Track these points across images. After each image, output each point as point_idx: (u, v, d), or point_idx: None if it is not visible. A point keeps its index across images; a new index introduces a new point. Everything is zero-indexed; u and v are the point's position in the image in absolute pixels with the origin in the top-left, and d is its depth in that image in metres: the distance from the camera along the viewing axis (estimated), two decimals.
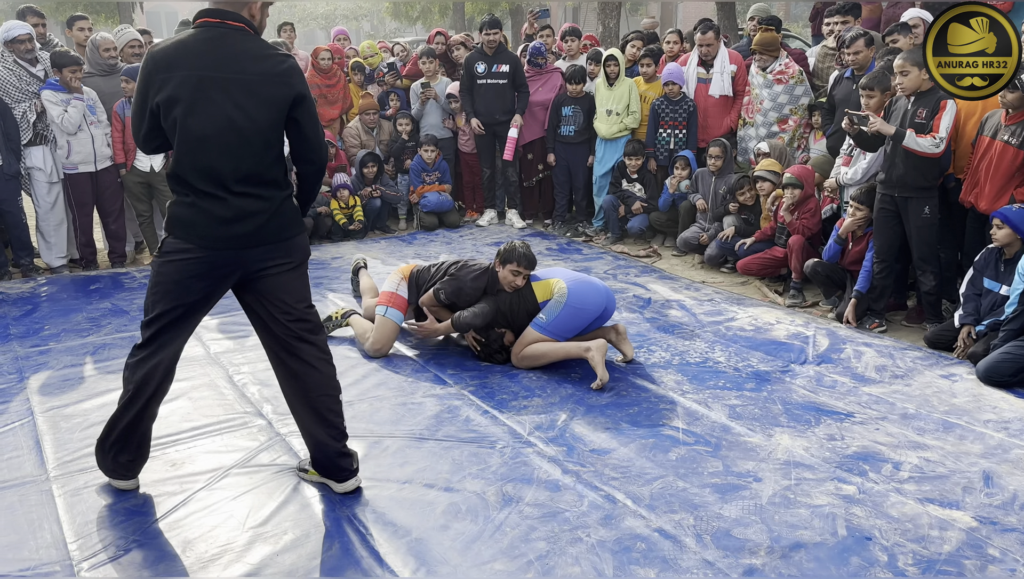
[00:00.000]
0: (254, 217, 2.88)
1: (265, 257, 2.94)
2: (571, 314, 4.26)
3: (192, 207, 2.86)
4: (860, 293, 4.99)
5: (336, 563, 2.74)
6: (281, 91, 2.83)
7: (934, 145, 4.53)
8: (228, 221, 2.85)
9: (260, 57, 2.83)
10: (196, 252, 2.87)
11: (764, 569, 2.69)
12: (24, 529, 2.93)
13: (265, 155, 2.88)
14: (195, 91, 2.76)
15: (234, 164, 2.82)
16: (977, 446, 3.50)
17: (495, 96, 7.27)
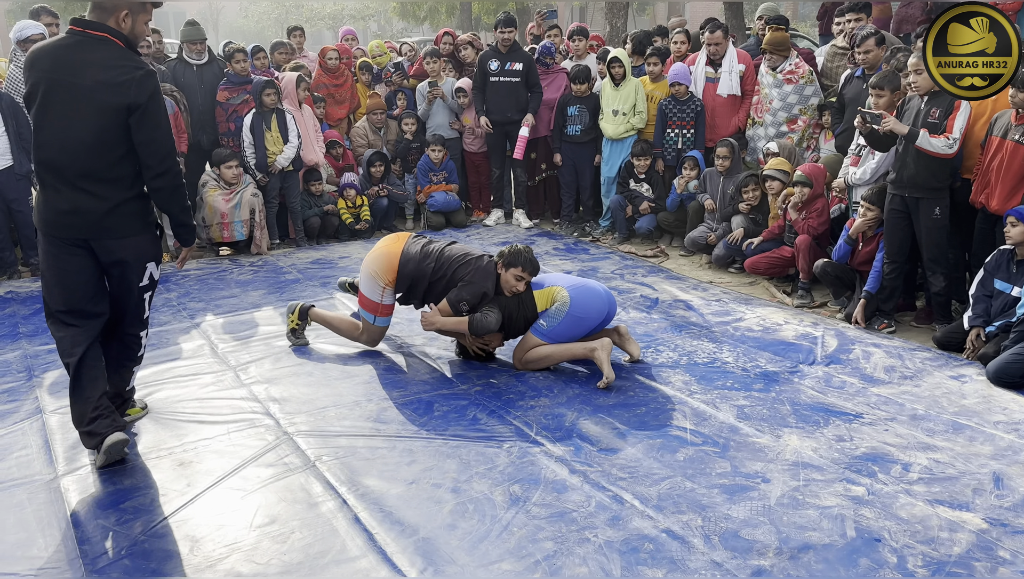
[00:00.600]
0: (89, 213, 3.20)
1: (115, 250, 3.29)
2: (573, 322, 4.22)
3: (40, 196, 3.29)
4: (870, 294, 4.96)
5: (343, 562, 2.74)
6: (115, 99, 3.12)
7: (947, 146, 4.51)
8: (66, 213, 3.21)
9: (105, 67, 3.14)
10: (46, 239, 3.28)
11: (773, 570, 2.68)
12: (33, 527, 2.94)
13: (103, 157, 3.18)
14: (45, 92, 3.14)
15: (71, 161, 3.17)
16: (987, 447, 3.48)
17: (508, 94, 7.27)
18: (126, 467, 3.34)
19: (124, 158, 3.23)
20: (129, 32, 3.25)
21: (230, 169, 6.56)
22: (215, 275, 6.21)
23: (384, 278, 4.34)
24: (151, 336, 4.85)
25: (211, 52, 7.06)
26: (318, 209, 7.16)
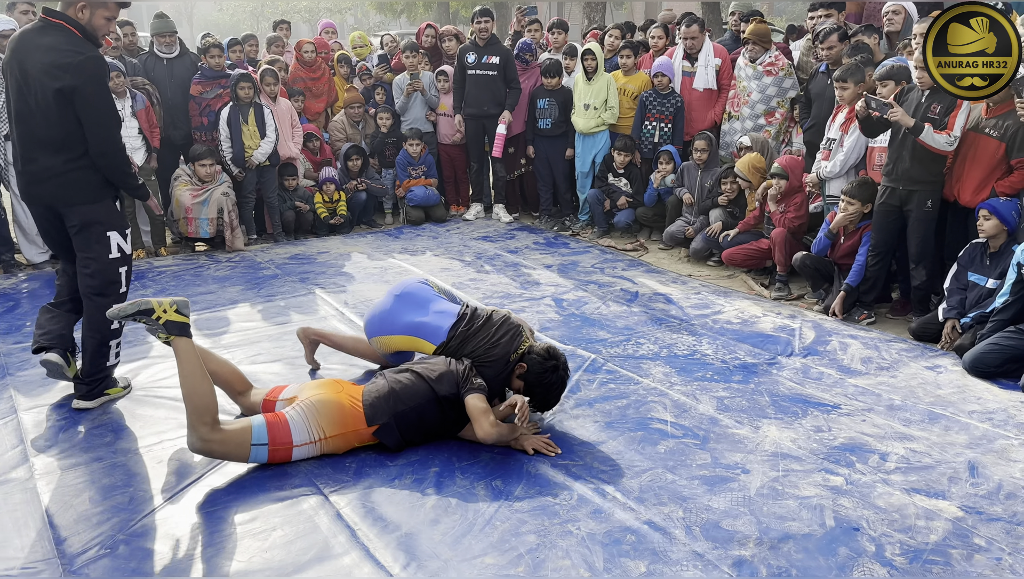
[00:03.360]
0: (42, 181, 3.62)
1: (68, 215, 3.65)
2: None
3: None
4: (851, 286, 5.01)
5: (326, 559, 2.73)
6: (54, 81, 3.46)
7: (948, 143, 4.54)
8: (27, 181, 3.68)
9: (52, 50, 3.48)
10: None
11: (753, 560, 2.70)
12: (9, 527, 2.89)
13: (50, 131, 3.55)
14: (10, 72, 3.58)
15: (27, 133, 3.60)
16: (962, 437, 3.54)
17: (484, 87, 7.24)
18: (103, 465, 3.30)
19: (70, 134, 3.55)
20: (87, 23, 3.56)
21: (204, 167, 6.48)
22: (192, 271, 6.14)
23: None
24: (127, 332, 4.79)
25: (183, 45, 6.96)
26: (292, 204, 7.10)
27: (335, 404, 3.29)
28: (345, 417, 3.29)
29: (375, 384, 3.45)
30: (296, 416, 3.24)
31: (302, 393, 3.38)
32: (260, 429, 3.17)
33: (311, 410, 3.26)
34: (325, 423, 3.25)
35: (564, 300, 5.39)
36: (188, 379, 3.14)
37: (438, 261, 6.37)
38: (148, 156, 6.45)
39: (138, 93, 6.37)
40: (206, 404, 3.11)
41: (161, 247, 6.70)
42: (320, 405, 3.27)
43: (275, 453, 3.19)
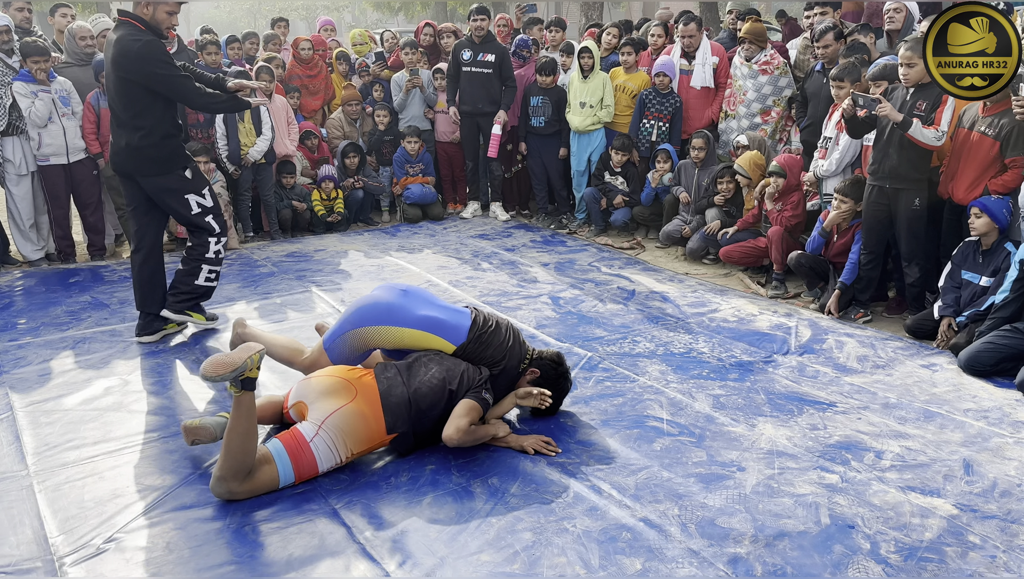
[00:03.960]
0: (121, 155, 4.38)
1: (145, 185, 4.42)
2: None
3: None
4: (844, 285, 5.02)
5: (322, 556, 2.73)
6: (119, 70, 4.20)
7: (937, 138, 4.55)
8: (112, 154, 4.48)
9: (119, 43, 4.18)
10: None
11: (748, 558, 2.71)
12: (4, 525, 2.89)
13: (123, 113, 4.29)
14: (104, 66, 4.43)
15: (112, 116, 4.40)
16: (957, 435, 3.55)
17: (479, 85, 7.23)
18: (99, 463, 3.29)
19: (138, 115, 4.25)
20: (151, 18, 4.23)
21: (200, 164, 6.46)
22: None
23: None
24: (124, 331, 4.79)
25: (181, 42, 6.95)
26: (289, 202, 7.08)
27: (359, 418, 3.16)
28: (371, 433, 3.19)
29: (392, 383, 3.28)
30: (322, 445, 3.09)
31: (313, 402, 3.19)
32: (287, 470, 3.05)
33: (337, 433, 3.11)
34: (352, 443, 3.15)
35: (561, 298, 5.39)
36: (240, 437, 2.96)
37: (435, 259, 6.36)
38: None
39: None
40: (246, 464, 2.98)
41: None
42: (345, 425, 3.13)
43: (301, 480, 3.13)
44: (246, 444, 2.97)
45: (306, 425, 3.14)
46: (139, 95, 4.22)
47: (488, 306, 5.18)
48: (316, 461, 3.10)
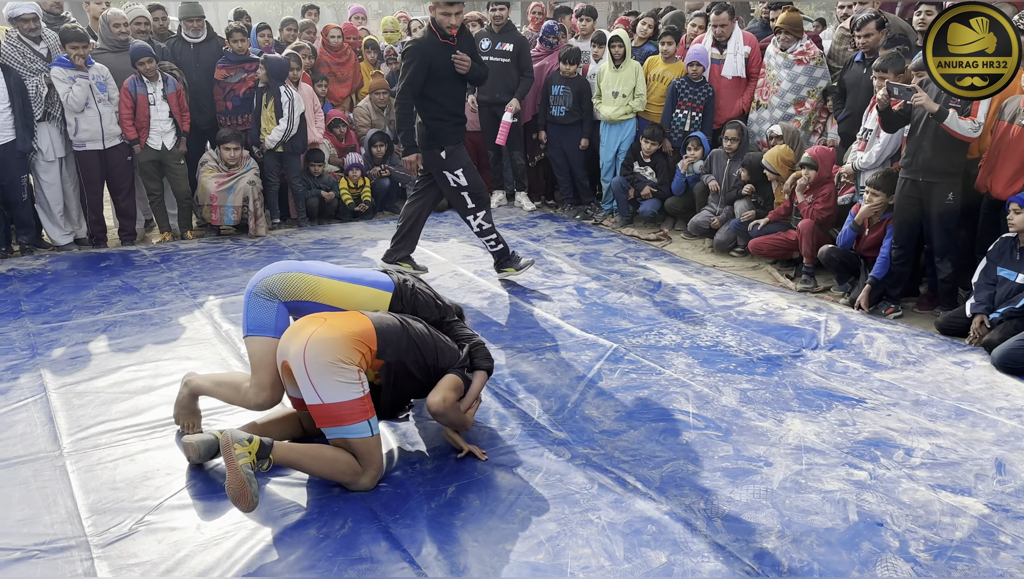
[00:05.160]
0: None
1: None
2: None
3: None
4: (875, 279, 4.96)
5: (346, 543, 2.75)
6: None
7: (973, 129, 4.48)
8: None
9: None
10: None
11: (775, 553, 2.69)
12: (39, 504, 2.94)
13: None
14: None
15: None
16: (990, 433, 3.49)
17: (496, 74, 7.15)
18: (132, 444, 3.34)
19: (419, 97, 5.08)
20: (436, 19, 4.95)
21: (228, 151, 6.52)
22: (217, 254, 6.19)
23: (350, 362, 2.96)
24: (154, 315, 4.86)
25: (210, 29, 6.99)
26: (317, 191, 7.12)
27: (337, 332, 2.95)
28: (357, 343, 2.96)
29: (385, 320, 3.14)
30: (331, 384, 2.88)
31: (287, 350, 2.97)
32: (360, 428, 2.94)
33: (325, 359, 2.87)
34: (344, 353, 2.92)
35: (586, 289, 5.37)
36: (318, 467, 2.96)
37: (460, 248, 6.37)
38: (178, 140, 6.49)
39: (170, 77, 6.41)
40: (345, 465, 2.95)
41: (188, 230, 6.76)
42: (326, 343, 2.91)
43: (371, 409, 2.99)
44: (327, 467, 2.95)
45: (306, 389, 2.90)
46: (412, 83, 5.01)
47: (513, 296, 5.18)
48: (350, 400, 2.90)
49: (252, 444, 2.81)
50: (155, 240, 6.69)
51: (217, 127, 6.85)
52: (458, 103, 5.26)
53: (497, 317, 4.83)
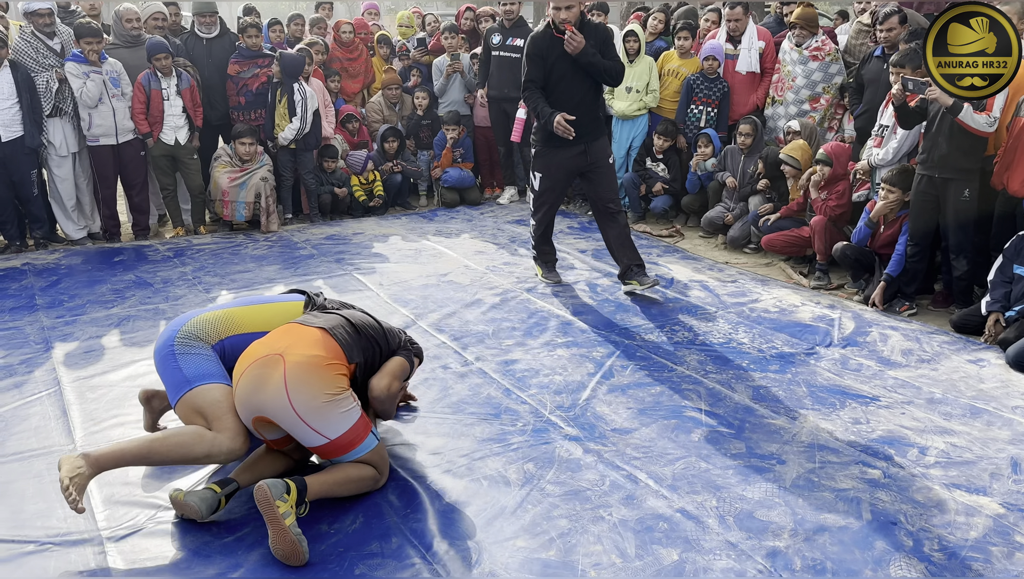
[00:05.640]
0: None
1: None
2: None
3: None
4: (890, 277, 4.92)
5: (357, 538, 2.75)
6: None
7: (988, 124, 4.44)
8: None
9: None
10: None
11: (788, 551, 2.67)
12: (52, 497, 2.96)
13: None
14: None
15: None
16: (1005, 432, 3.46)
17: (508, 69, 7.15)
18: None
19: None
20: (549, 17, 4.75)
21: (243, 145, 6.53)
22: (230, 249, 6.22)
23: (340, 385, 2.87)
24: (167, 309, 4.88)
25: (223, 25, 7.01)
26: (330, 187, 7.12)
27: (310, 363, 2.80)
28: (332, 365, 2.84)
29: (331, 322, 3.01)
30: (321, 417, 2.78)
31: (258, 397, 2.80)
32: (371, 439, 2.92)
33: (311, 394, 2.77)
34: (326, 384, 2.80)
35: (598, 285, 5.36)
36: (347, 490, 2.90)
37: (472, 244, 6.37)
38: (191, 135, 6.52)
39: (184, 72, 6.43)
40: (370, 479, 2.94)
41: (201, 225, 6.79)
42: (305, 378, 2.78)
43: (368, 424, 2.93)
44: (360, 483, 2.92)
45: (305, 434, 2.79)
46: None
47: (525, 293, 5.17)
48: (353, 424, 2.83)
49: (292, 496, 2.63)
50: (168, 235, 6.72)
51: (229, 122, 6.87)
52: (563, 101, 4.79)
53: (508, 313, 4.82)
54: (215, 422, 2.86)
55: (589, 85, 4.83)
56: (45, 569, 2.60)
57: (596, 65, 4.73)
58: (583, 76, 4.77)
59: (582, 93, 4.83)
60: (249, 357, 2.89)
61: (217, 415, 2.87)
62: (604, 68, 4.76)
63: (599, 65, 4.74)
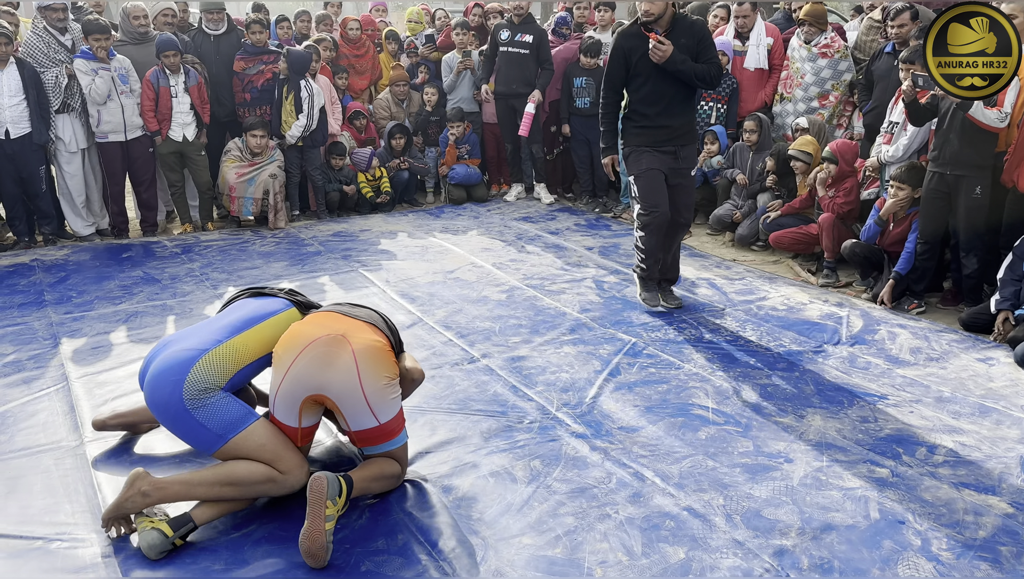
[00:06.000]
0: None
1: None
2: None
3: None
4: (899, 274, 4.89)
5: (363, 534, 2.75)
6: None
7: (1000, 119, 4.42)
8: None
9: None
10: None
11: (795, 550, 2.66)
12: (59, 493, 2.97)
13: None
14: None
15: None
16: (1014, 431, 3.44)
17: (515, 65, 7.14)
18: (154, 435, 3.36)
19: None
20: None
21: (255, 138, 6.53)
22: (237, 246, 6.23)
23: (392, 372, 2.90)
24: (175, 305, 4.89)
25: (230, 21, 7.01)
26: (337, 184, 7.13)
27: (378, 350, 2.85)
28: (392, 358, 2.92)
29: (369, 314, 3.02)
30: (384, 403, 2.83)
31: (327, 380, 2.76)
32: (404, 432, 2.96)
33: (381, 378, 2.81)
34: (387, 368, 2.86)
35: (605, 282, 5.35)
36: (378, 487, 2.92)
37: (479, 241, 6.36)
38: (199, 131, 6.52)
39: (191, 69, 6.44)
40: (394, 477, 2.94)
41: (209, 222, 6.80)
42: (375, 363, 2.82)
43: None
44: (391, 480, 2.93)
45: (362, 416, 2.80)
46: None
47: (531, 290, 5.17)
48: (398, 413, 2.88)
49: (342, 500, 2.62)
50: (176, 231, 6.74)
51: (237, 119, 6.88)
52: (650, 101, 4.46)
53: (515, 310, 4.82)
54: (275, 463, 2.77)
55: (680, 86, 4.45)
56: (52, 565, 2.61)
57: (686, 72, 4.36)
58: (673, 76, 4.40)
59: (671, 94, 4.46)
60: (303, 337, 2.82)
61: (274, 456, 2.77)
62: (696, 74, 4.37)
63: (689, 72, 4.36)
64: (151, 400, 2.82)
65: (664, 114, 4.48)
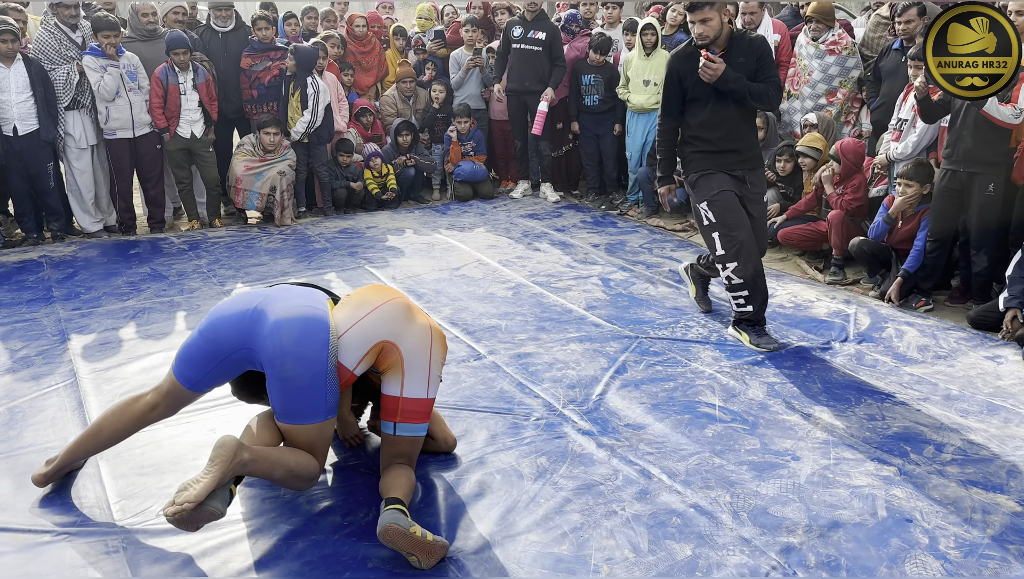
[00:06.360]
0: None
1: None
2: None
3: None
4: (908, 272, 4.87)
5: (369, 531, 2.75)
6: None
7: (1014, 115, 4.40)
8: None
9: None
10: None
11: (802, 548, 2.66)
12: (68, 488, 2.99)
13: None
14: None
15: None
16: (1023, 429, 3.42)
17: (528, 63, 7.15)
18: (162, 432, 3.38)
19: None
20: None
21: (268, 135, 6.54)
22: (244, 242, 6.24)
23: (435, 346, 2.96)
24: (182, 302, 4.91)
25: (239, 18, 7.02)
26: (345, 181, 7.13)
27: (444, 336, 3.01)
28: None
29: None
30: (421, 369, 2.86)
31: (404, 333, 2.83)
32: (426, 424, 2.94)
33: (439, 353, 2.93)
34: (445, 351, 3.00)
35: (611, 280, 5.34)
36: (411, 486, 2.84)
37: (485, 238, 6.36)
38: (206, 128, 6.54)
39: (200, 66, 6.45)
40: (413, 477, 2.89)
41: (216, 218, 6.82)
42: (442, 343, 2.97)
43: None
44: (412, 478, 2.87)
45: (419, 381, 2.83)
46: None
47: (538, 287, 5.17)
48: (433, 398, 2.91)
49: (408, 515, 2.58)
50: (183, 228, 6.76)
51: (244, 115, 6.89)
52: (710, 126, 4.19)
53: (521, 307, 4.82)
54: (320, 456, 2.77)
55: (738, 107, 4.18)
56: (61, 559, 2.62)
57: (739, 91, 4.07)
58: (730, 99, 4.14)
59: (734, 117, 4.19)
60: (383, 293, 2.96)
61: (323, 455, 2.80)
62: (751, 93, 4.08)
63: (743, 91, 4.07)
64: (294, 349, 2.62)
65: (726, 138, 4.20)
